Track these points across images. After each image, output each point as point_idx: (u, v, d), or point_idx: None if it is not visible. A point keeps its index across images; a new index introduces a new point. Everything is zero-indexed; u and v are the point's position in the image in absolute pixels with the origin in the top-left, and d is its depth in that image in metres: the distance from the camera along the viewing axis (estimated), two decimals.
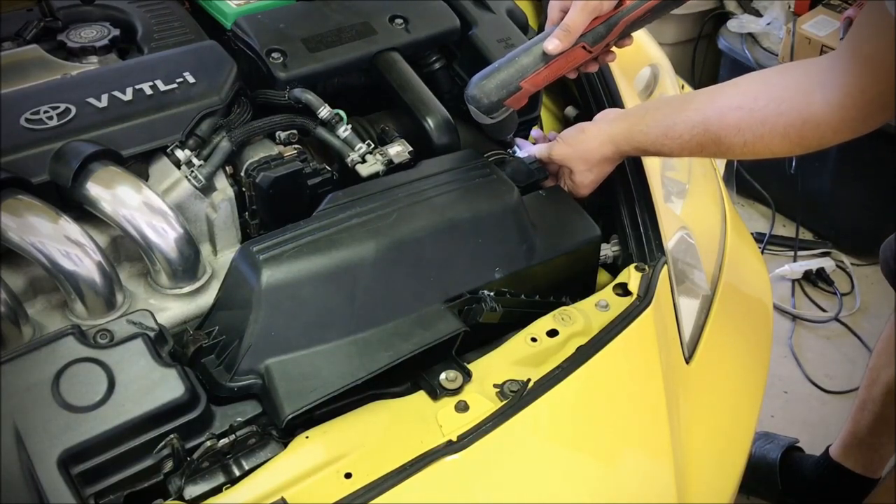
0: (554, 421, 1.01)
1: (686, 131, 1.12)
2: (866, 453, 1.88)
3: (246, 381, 0.98)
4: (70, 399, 0.90)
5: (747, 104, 1.07)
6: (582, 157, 1.24)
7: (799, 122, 1.03)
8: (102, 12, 1.39)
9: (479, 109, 1.21)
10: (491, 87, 1.20)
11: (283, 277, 1.00)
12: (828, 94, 1.00)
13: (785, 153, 1.09)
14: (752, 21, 2.73)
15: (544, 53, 1.17)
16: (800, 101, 1.03)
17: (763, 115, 1.05)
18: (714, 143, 1.11)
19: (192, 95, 1.19)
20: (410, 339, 1.02)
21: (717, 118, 1.10)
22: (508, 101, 1.21)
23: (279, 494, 0.88)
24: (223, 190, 1.18)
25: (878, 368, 1.80)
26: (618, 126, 1.21)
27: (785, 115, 1.04)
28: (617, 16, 1.18)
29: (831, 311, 2.56)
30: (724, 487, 1.11)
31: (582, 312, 1.11)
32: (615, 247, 1.26)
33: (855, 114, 1.00)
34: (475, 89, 1.21)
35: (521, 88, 1.19)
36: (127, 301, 1.08)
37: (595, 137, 1.23)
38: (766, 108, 1.05)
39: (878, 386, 1.79)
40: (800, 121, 1.03)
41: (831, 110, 1.00)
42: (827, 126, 1.02)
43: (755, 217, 2.87)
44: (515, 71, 1.19)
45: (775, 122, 1.04)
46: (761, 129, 1.06)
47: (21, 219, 1.01)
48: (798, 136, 1.04)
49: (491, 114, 1.22)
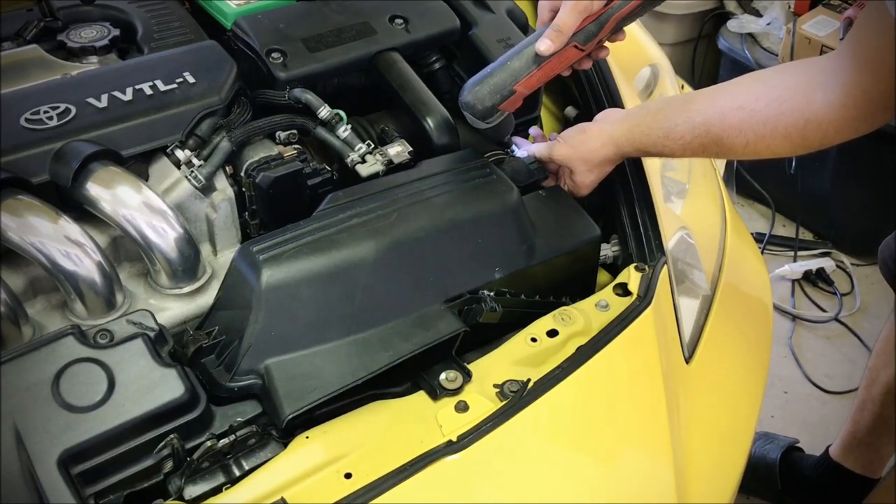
0: (554, 421, 1.01)
1: (688, 132, 1.12)
2: (866, 453, 1.88)
3: (246, 381, 0.98)
4: (70, 399, 0.90)
5: (749, 104, 1.07)
6: (583, 157, 1.24)
7: (801, 123, 1.03)
8: (102, 12, 1.39)
9: (474, 115, 1.21)
10: (484, 92, 1.19)
11: (283, 277, 1.00)
12: (829, 94, 1.00)
13: (787, 153, 1.08)
14: (752, 21, 2.73)
15: (536, 55, 1.17)
16: (801, 101, 1.03)
17: (765, 115, 1.05)
18: (716, 144, 1.11)
19: (192, 95, 1.19)
20: (410, 339, 1.02)
21: (718, 119, 1.09)
22: (503, 105, 1.20)
23: (279, 494, 0.88)
24: (223, 190, 1.18)
25: (877, 368, 1.80)
26: (620, 127, 1.21)
27: (786, 115, 1.04)
28: (607, 13, 1.17)
29: (831, 311, 2.56)
30: (724, 487, 1.11)
31: (582, 312, 1.11)
32: (615, 247, 1.26)
33: (856, 113, 1.00)
34: (469, 95, 1.20)
35: (514, 92, 1.19)
36: (127, 301, 1.08)
37: (597, 138, 1.23)
38: (767, 109, 1.05)
39: (878, 386, 1.79)
40: (802, 121, 1.03)
41: (833, 110, 1.00)
42: (829, 126, 1.02)
43: (755, 217, 2.87)
44: (508, 75, 1.18)
45: (777, 122, 1.04)
46: (763, 130, 1.06)
47: (21, 219, 1.01)
48: (800, 136, 1.04)
49: (486, 119, 1.21)
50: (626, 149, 1.21)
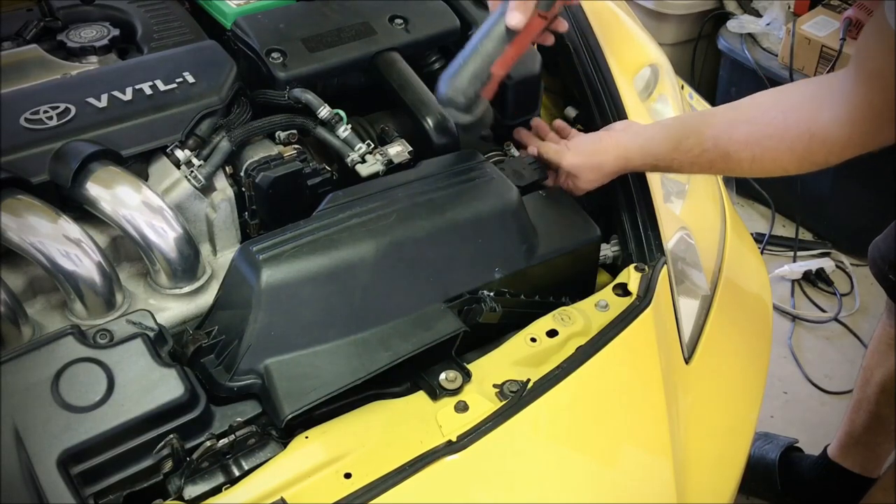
0: (553, 421, 1.01)
1: (696, 145, 1.12)
2: (863, 453, 1.88)
3: (245, 381, 0.98)
4: (70, 399, 0.90)
5: (756, 118, 1.07)
6: (593, 167, 1.24)
7: (806, 137, 1.02)
8: (102, 12, 1.39)
9: (459, 109, 1.17)
10: (464, 83, 1.15)
11: (283, 277, 1.00)
12: (836, 110, 0.99)
13: (794, 170, 1.07)
14: (752, 21, 2.73)
15: (507, 31, 1.14)
16: (807, 115, 1.02)
17: (771, 128, 1.05)
18: (723, 159, 1.11)
19: (192, 95, 1.19)
20: (410, 339, 1.02)
21: (726, 132, 1.10)
22: (484, 91, 1.17)
23: (279, 494, 0.88)
24: (223, 190, 1.18)
25: (871, 368, 1.80)
26: (635, 141, 1.21)
27: (792, 128, 1.03)
28: None
29: (831, 311, 2.56)
30: (724, 488, 1.11)
31: (581, 313, 1.11)
32: (615, 247, 1.26)
33: (863, 129, 0.99)
34: (449, 90, 1.16)
35: (491, 76, 1.16)
36: (127, 301, 1.08)
37: (610, 151, 1.23)
38: (773, 121, 1.05)
39: (872, 385, 1.79)
40: (807, 135, 1.02)
41: (839, 125, 1.00)
42: (834, 142, 1.01)
43: (755, 217, 2.86)
44: (482, 59, 1.16)
45: (783, 135, 1.04)
46: (768, 143, 1.05)
47: (21, 219, 1.01)
48: (805, 150, 1.03)
49: (471, 110, 1.17)
50: (636, 163, 1.22)
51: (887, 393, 1.75)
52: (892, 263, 1.65)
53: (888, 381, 1.75)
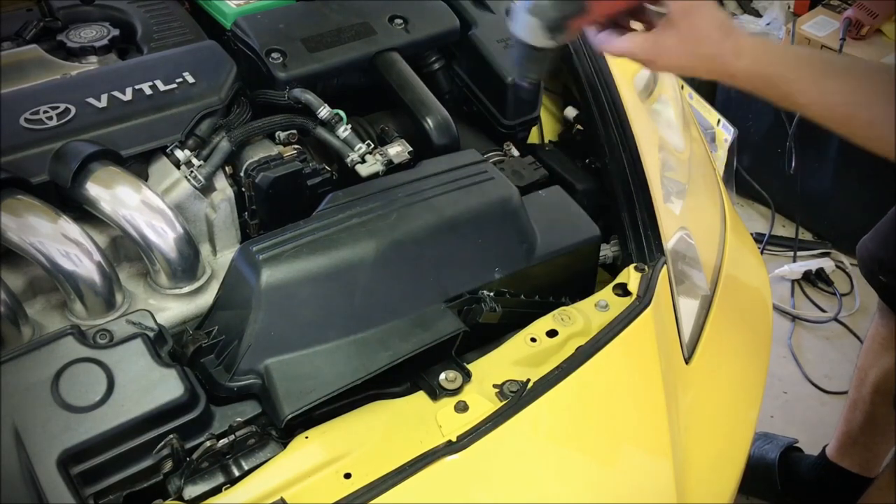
0: (553, 421, 1.01)
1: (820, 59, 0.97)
2: (861, 453, 1.88)
3: (245, 381, 0.98)
4: (69, 399, 0.89)
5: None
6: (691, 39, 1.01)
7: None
8: (102, 12, 1.40)
9: (544, 22, 0.95)
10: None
11: (283, 277, 1.00)
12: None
13: None
14: (752, 21, 2.73)
15: None
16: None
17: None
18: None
19: (192, 95, 1.19)
20: (410, 339, 1.02)
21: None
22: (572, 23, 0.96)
23: (279, 494, 0.88)
24: (223, 190, 1.18)
25: (865, 368, 1.80)
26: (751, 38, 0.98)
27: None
28: None
29: (831, 311, 2.56)
30: (724, 488, 1.11)
31: (581, 312, 1.11)
32: (615, 247, 1.26)
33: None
34: None
35: (585, 9, 0.95)
36: (126, 301, 1.08)
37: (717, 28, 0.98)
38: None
39: (867, 385, 1.79)
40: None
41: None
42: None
43: (755, 217, 2.86)
44: None
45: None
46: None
47: (21, 219, 1.01)
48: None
49: (554, 33, 0.96)
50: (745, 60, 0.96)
51: (882, 393, 1.75)
52: (881, 262, 1.65)
53: (882, 381, 1.75)
